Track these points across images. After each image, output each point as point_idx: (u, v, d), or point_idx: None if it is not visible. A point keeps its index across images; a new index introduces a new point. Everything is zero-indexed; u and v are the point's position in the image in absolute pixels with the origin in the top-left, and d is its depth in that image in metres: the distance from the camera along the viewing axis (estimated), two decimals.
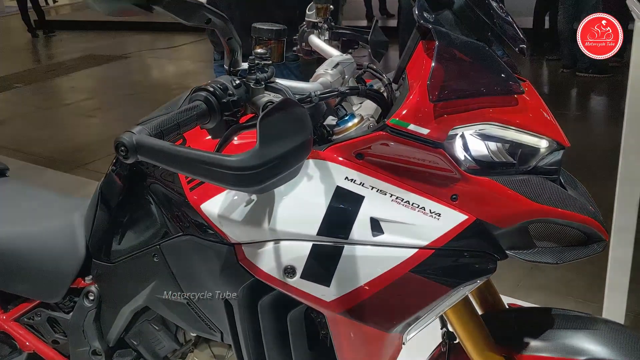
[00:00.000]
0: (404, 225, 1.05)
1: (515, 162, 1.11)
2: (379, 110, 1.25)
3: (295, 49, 1.56)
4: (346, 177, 1.06)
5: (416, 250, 1.05)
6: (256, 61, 1.02)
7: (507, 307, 1.42)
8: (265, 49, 1.06)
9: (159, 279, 1.30)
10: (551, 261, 1.12)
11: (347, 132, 1.11)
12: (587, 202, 1.16)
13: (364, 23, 8.40)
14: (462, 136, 1.06)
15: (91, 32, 11.29)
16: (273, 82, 1.04)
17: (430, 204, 1.06)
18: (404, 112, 1.01)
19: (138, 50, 9.64)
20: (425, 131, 1.01)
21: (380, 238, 1.05)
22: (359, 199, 1.05)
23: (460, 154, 1.07)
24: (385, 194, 1.06)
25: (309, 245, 1.05)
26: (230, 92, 0.98)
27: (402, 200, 1.06)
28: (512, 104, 1.09)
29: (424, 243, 1.05)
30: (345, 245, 1.05)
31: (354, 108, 1.29)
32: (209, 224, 1.12)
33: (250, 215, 1.06)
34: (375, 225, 1.05)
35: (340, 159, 1.07)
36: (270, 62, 1.05)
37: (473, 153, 1.08)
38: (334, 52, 1.40)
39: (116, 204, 1.37)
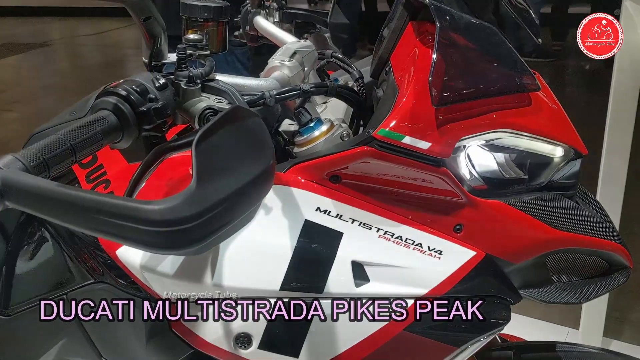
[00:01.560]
0: (396, 269, 0.79)
1: (526, 176, 0.87)
2: (349, 110, 0.98)
3: (237, 33, 1.26)
4: (318, 208, 0.78)
5: (412, 301, 0.79)
6: (188, 51, 0.73)
7: (498, 339, 1.19)
8: (201, 33, 0.77)
9: (68, 337, 0.99)
10: (574, 300, 0.92)
11: (313, 143, 0.84)
12: (608, 222, 0.94)
13: (305, 6, 8.03)
14: (467, 149, 0.81)
15: (9, 19, 10.50)
16: (213, 79, 0.75)
17: (429, 239, 0.80)
18: (395, 120, 0.74)
19: (60, 38, 8.99)
20: (425, 145, 0.74)
21: (364, 288, 0.78)
22: (336, 236, 0.78)
23: (465, 171, 0.81)
24: (371, 229, 0.79)
25: (270, 303, 0.77)
26: (152, 95, 0.68)
27: (392, 236, 0.79)
28: (525, 104, 0.84)
29: (422, 291, 0.79)
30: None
31: (318, 110, 1.01)
32: (129, 275, 0.82)
33: (186, 266, 0.77)
34: (359, 272, 0.78)
35: (307, 182, 0.80)
36: (209, 52, 0.76)
37: (479, 169, 0.83)
38: (287, 38, 1.11)
39: (12, 234, 1.05)
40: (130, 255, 0.80)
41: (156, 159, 0.70)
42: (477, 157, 0.84)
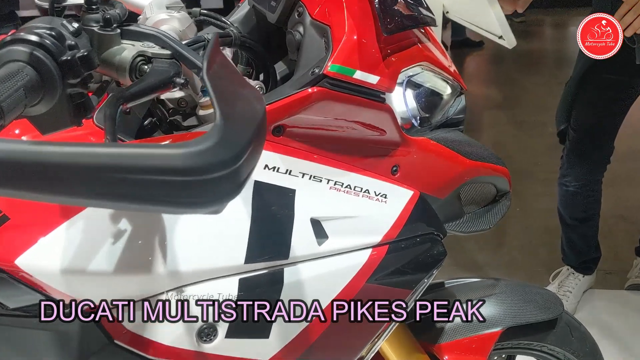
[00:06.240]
0: (350, 220, 0.74)
1: (428, 115, 0.88)
2: None
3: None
4: (266, 166, 0.69)
5: (370, 251, 0.75)
6: None
7: None
8: None
9: None
10: (485, 227, 0.97)
11: None
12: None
13: None
14: (403, 84, 0.79)
15: None
16: (130, 24, 0.61)
17: (374, 184, 0.77)
18: (345, 54, 0.68)
19: None
20: (374, 79, 0.70)
21: (325, 246, 0.71)
22: (290, 194, 0.70)
23: (398, 108, 0.79)
24: (321, 181, 0.73)
25: (235, 281, 0.66)
26: (71, 42, 0.53)
27: (342, 186, 0.74)
28: (430, 39, 0.85)
29: (377, 239, 0.76)
30: (285, 268, 0.68)
31: None
32: (39, 289, 0.63)
33: (127, 259, 0.61)
34: (318, 229, 0.71)
35: None
36: None
37: (410, 106, 0.81)
38: None
39: None
40: (40, 261, 0.61)
41: (117, 110, 0.54)
42: (409, 94, 0.82)
